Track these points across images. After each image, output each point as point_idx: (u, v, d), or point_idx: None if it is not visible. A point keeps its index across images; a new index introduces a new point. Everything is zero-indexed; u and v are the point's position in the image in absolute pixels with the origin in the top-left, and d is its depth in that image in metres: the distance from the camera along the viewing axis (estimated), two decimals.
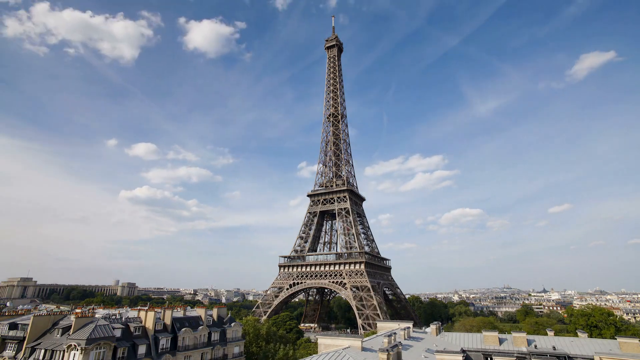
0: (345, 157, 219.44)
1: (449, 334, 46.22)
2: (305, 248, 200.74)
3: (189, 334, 57.63)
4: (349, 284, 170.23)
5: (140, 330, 52.19)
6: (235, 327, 68.14)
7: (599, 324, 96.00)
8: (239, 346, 67.24)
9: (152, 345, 51.93)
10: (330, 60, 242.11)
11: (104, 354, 44.03)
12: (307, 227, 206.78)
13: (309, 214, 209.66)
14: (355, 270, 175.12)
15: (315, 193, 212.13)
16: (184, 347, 56.33)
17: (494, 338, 41.06)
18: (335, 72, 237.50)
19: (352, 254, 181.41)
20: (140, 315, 55.71)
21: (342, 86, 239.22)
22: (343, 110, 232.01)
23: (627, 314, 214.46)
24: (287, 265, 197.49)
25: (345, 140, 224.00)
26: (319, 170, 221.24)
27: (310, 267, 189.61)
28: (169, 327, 56.55)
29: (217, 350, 62.07)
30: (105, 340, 44.15)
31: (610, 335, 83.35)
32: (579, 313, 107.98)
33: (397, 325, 46.34)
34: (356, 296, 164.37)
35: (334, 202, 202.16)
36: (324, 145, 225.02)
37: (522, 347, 38.67)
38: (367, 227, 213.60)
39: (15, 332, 50.54)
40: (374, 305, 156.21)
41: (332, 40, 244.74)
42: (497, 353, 36.82)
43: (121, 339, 47.79)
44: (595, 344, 38.10)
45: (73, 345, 42.56)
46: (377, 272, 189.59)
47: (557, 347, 37.56)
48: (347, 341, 29.45)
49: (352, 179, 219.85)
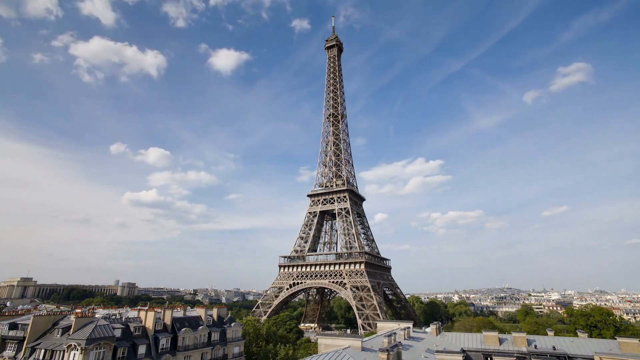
0: (345, 157, 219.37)
1: (449, 334, 46.22)
2: (305, 248, 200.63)
3: (189, 334, 57.64)
4: (349, 284, 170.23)
5: (140, 330, 52.20)
6: (235, 327, 68.15)
7: (599, 324, 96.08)
8: (239, 346, 67.26)
9: (152, 345, 51.94)
10: (330, 60, 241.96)
11: (104, 354, 44.04)
12: (307, 227, 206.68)
13: (309, 214, 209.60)
14: (355, 270, 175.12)
15: (315, 193, 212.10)
16: (184, 347, 56.34)
17: (494, 338, 41.05)
18: (335, 72, 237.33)
19: (352, 254, 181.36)
20: (140, 315, 55.74)
21: (342, 86, 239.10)
22: (343, 110, 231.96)
23: (627, 314, 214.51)
24: (287, 265, 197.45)
25: (345, 140, 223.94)
26: (319, 170, 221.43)
27: (310, 267, 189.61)
28: (169, 327, 56.57)
29: (217, 350, 62.09)
30: (105, 340, 44.16)
31: (610, 335, 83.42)
32: (579, 313, 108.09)
33: (397, 325, 46.40)
34: (356, 296, 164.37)
35: (334, 202, 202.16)
36: (324, 146, 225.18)
37: (522, 347, 38.66)
38: (367, 227, 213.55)
39: (15, 332, 50.51)
40: (374, 306, 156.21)
41: (332, 40, 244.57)
42: (497, 353, 36.80)
43: (121, 339, 47.79)
44: (595, 344, 38.09)
45: (73, 345, 42.57)
46: (377, 272, 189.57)
47: (557, 347, 37.56)
48: (347, 341, 29.47)
49: (352, 179, 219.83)
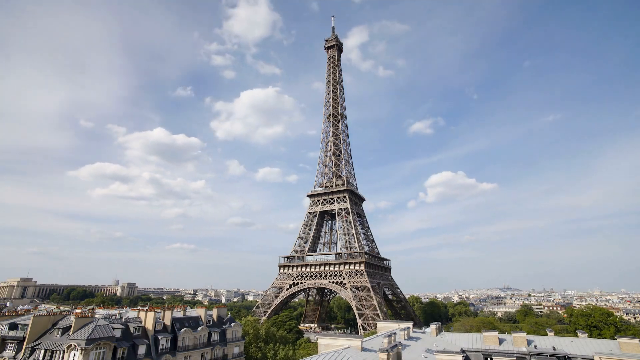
0: (345, 157, 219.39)
1: (448, 334, 46.22)
2: (305, 248, 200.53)
3: (188, 334, 57.62)
4: (348, 284, 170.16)
5: (140, 330, 52.16)
6: (235, 327, 68.14)
7: (599, 324, 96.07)
8: (239, 346, 67.26)
9: (152, 345, 51.91)
10: (330, 61, 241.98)
11: (104, 354, 44.02)
12: (307, 228, 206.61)
13: (308, 214, 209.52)
14: (355, 270, 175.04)
15: (315, 193, 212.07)
16: (184, 347, 56.32)
17: (493, 338, 41.05)
18: (335, 73, 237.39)
19: (352, 254, 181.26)
20: (140, 315, 55.69)
21: (342, 86, 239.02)
22: (343, 110, 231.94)
23: (627, 314, 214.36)
24: (287, 265, 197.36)
25: (345, 140, 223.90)
26: (318, 170, 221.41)
27: (310, 268, 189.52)
28: (168, 327, 56.53)
29: (217, 350, 62.08)
30: (105, 341, 44.14)
31: (610, 335, 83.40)
32: (579, 313, 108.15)
33: (397, 325, 46.35)
34: (356, 296, 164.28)
35: (334, 202, 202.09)
36: (324, 146, 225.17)
37: (522, 347, 38.66)
38: (367, 227, 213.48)
39: (15, 332, 50.42)
40: (373, 306, 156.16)
41: (331, 40, 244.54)
42: (497, 353, 36.80)
43: (121, 339, 47.74)
44: (595, 344, 38.09)
45: (73, 346, 42.55)
46: (377, 272, 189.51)
47: (557, 347, 37.56)
48: (347, 341, 29.43)
49: (352, 179, 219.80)
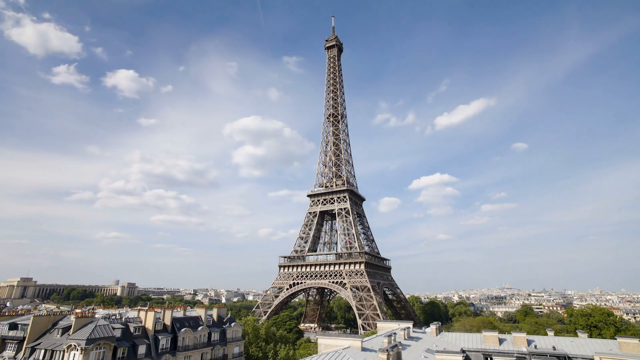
0: (345, 157, 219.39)
1: (448, 334, 46.23)
2: (305, 248, 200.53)
3: (189, 334, 57.62)
4: (348, 284, 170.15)
5: (140, 330, 52.18)
6: (235, 327, 68.12)
7: (599, 324, 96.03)
8: (239, 346, 67.25)
9: (152, 345, 51.92)
10: (330, 61, 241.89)
11: (104, 354, 44.03)
12: (307, 227, 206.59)
13: (308, 214, 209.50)
14: (355, 270, 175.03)
15: (315, 193, 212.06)
16: (184, 347, 56.32)
17: (493, 338, 41.04)
18: (335, 72, 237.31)
19: (352, 254, 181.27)
20: (140, 315, 55.71)
21: (342, 86, 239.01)
22: (343, 110, 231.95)
23: (627, 314, 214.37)
24: (287, 265, 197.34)
25: (345, 140, 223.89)
26: (318, 170, 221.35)
27: (310, 267, 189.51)
28: (168, 327, 56.55)
29: (217, 350, 62.07)
30: (105, 341, 44.15)
31: (610, 335, 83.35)
32: (579, 313, 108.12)
33: (397, 325, 46.36)
34: (356, 296, 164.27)
35: (334, 202, 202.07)
36: (324, 145, 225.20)
37: (522, 347, 38.65)
38: (367, 227, 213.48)
39: (15, 332, 50.47)
40: (373, 306, 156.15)
41: (331, 40, 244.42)
42: (497, 353, 36.80)
43: (121, 339, 47.77)
44: (595, 344, 38.08)
45: (73, 346, 42.55)
46: (377, 272, 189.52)
47: (557, 347, 37.55)
48: (347, 341, 29.45)
49: (352, 179, 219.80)
